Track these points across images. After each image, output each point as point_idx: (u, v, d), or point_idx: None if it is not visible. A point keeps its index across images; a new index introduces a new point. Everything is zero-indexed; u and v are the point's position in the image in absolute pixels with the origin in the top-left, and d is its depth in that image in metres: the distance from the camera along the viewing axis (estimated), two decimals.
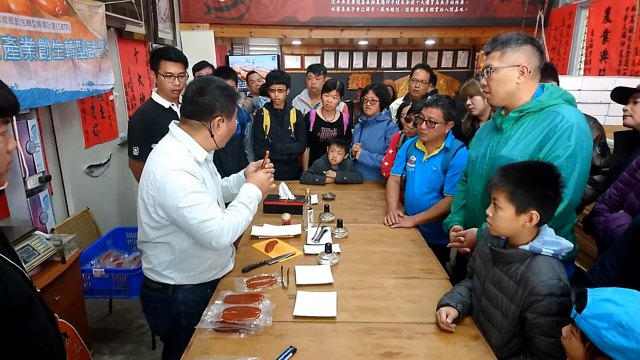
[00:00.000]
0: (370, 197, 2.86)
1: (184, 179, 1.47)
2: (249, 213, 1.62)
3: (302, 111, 3.65)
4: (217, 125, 1.57)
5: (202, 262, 1.63)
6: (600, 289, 1.00)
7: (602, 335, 0.92)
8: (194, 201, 1.46)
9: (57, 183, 2.73)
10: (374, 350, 1.34)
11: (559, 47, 5.04)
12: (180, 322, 1.64)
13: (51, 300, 1.91)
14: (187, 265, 1.61)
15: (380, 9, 5.34)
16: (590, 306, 0.96)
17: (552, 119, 1.53)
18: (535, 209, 1.26)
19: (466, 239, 1.79)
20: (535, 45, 1.58)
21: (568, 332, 1.04)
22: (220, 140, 1.62)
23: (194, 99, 1.53)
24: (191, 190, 1.47)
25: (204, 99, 1.53)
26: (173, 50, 2.40)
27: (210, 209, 1.49)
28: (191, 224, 1.47)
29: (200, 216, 1.46)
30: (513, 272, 1.30)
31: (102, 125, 3.24)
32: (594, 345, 0.95)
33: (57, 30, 2.37)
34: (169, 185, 1.45)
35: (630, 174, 1.78)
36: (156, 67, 2.33)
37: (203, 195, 1.50)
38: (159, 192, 1.47)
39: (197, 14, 5.12)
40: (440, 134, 2.29)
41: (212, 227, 1.48)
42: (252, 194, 1.67)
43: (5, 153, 0.89)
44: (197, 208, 1.46)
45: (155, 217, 1.52)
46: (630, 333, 0.89)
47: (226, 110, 1.57)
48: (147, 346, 2.59)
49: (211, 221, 1.48)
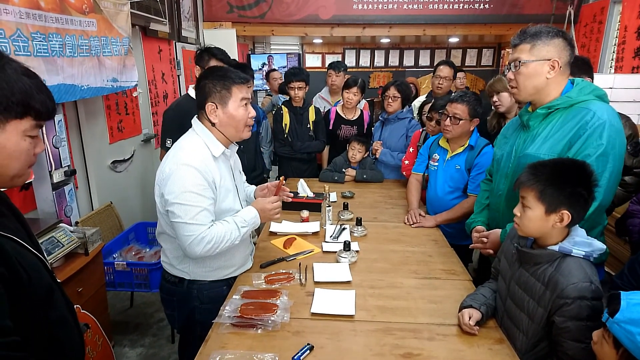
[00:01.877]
0: (390, 196, 2.81)
1: (189, 175, 1.44)
2: (237, 236, 1.54)
3: (322, 108, 3.64)
4: (211, 113, 1.52)
5: (216, 259, 1.61)
6: (635, 292, 0.94)
7: (637, 341, 0.87)
8: (187, 201, 1.43)
9: (82, 177, 2.80)
10: (392, 351, 1.31)
11: (588, 44, 4.86)
12: (195, 317, 1.63)
13: (74, 292, 1.96)
14: (201, 260, 1.59)
15: (403, 6, 5.27)
16: (624, 310, 0.91)
17: (582, 116, 1.46)
18: (566, 208, 1.20)
19: (489, 240, 1.73)
20: (566, 38, 1.51)
21: (599, 337, 0.99)
22: (225, 129, 1.55)
23: (197, 85, 1.54)
24: (190, 190, 1.44)
25: (199, 86, 1.53)
26: (222, 52, 2.52)
27: (200, 215, 1.45)
28: (176, 221, 1.45)
29: (187, 218, 1.43)
30: (541, 273, 1.25)
31: (126, 122, 3.31)
32: (628, 351, 0.89)
33: (83, 27, 2.42)
34: (172, 178, 1.45)
35: None
36: (203, 64, 2.43)
37: (200, 199, 1.46)
38: (162, 183, 1.48)
39: (219, 12, 5.18)
40: (465, 131, 2.23)
41: (192, 233, 1.44)
42: (249, 220, 1.59)
43: (32, 155, 0.90)
44: (187, 208, 1.43)
45: (162, 210, 1.53)
46: None
47: (218, 95, 1.50)
48: (167, 339, 2.62)
49: (194, 227, 1.44)
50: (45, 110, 0.88)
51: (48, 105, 0.88)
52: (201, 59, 2.48)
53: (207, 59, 2.44)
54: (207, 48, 2.52)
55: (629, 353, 0.89)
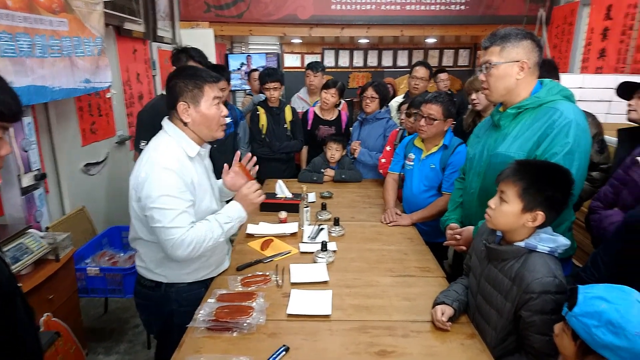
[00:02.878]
0: (368, 196, 2.84)
1: (166, 178, 1.43)
2: (220, 233, 1.53)
3: (300, 109, 3.64)
4: (183, 112, 1.50)
5: (194, 260, 1.58)
6: (592, 285, 0.98)
7: (593, 333, 0.91)
8: (166, 204, 1.42)
9: (53, 181, 2.73)
10: (367, 349, 1.32)
11: (560, 45, 5.00)
12: (173, 321, 1.61)
13: (44, 299, 1.91)
14: (179, 263, 1.57)
15: (381, 7, 5.31)
16: (581, 304, 0.94)
17: (550, 116, 1.51)
18: (542, 210, 1.24)
19: (462, 237, 1.77)
20: (534, 40, 1.55)
21: (560, 330, 1.02)
22: (197, 129, 1.54)
23: (166, 86, 1.53)
24: (168, 193, 1.42)
25: (169, 85, 1.51)
26: (200, 53, 2.45)
27: (179, 218, 1.44)
28: (156, 226, 1.43)
29: (166, 221, 1.42)
30: (508, 269, 1.28)
31: (99, 123, 3.23)
32: (585, 343, 0.93)
33: (54, 27, 2.36)
34: (149, 182, 1.43)
35: (624, 171, 1.75)
36: (180, 65, 2.36)
37: (178, 202, 1.44)
38: (139, 187, 1.45)
39: (196, 12, 5.11)
40: (439, 131, 2.26)
41: (173, 236, 1.43)
42: (233, 215, 1.59)
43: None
44: (166, 212, 1.42)
45: (139, 214, 1.50)
46: (621, 331, 0.87)
47: (189, 94, 1.49)
48: (142, 345, 2.57)
49: (174, 230, 1.43)
50: (8, 111, 0.85)
51: (10, 106, 0.86)
52: (178, 60, 2.44)
53: (185, 60, 2.40)
54: (184, 48, 2.47)
55: (586, 344, 0.93)
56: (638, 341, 0.85)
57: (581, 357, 0.96)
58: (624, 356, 0.87)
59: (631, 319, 0.87)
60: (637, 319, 0.87)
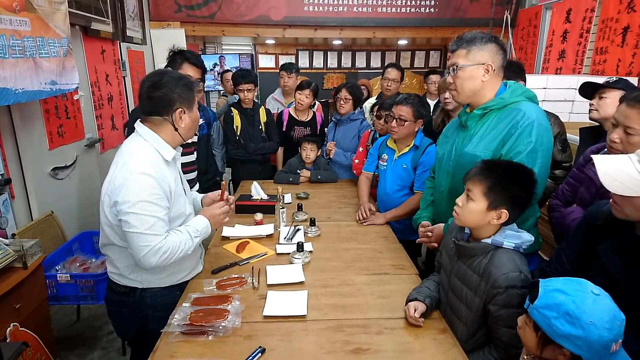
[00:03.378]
0: (344, 195, 2.87)
1: (145, 184, 1.42)
2: (190, 246, 1.55)
3: (275, 110, 3.64)
4: (179, 118, 1.53)
5: (169, 266, 1.57)
6: (552, 279, 1.03)
7: (552, 324, 0.95)
8: (144, 210, 1.41)
9: (19, 186, 2.62)
10: (343, 347, 1.34)
11: (526, 46, 5.19)
12: (149, 327, 1.58)
13: (11, 308, 1.84)
14: (154, 268, 1.54)
15: (353, 9, 5.37)
16: (541, 297, 0.99)
17: (513, 116, 1.57)
18: (506, 208, 1.29)
19: (434, 234, 1.82)
20: (498, 43, 1.61)
21: (523, 322, 1.07)
22: (186, 133, 1.58)
23: (149, 94, 1.49)
24: (146, 199, 1.42)
25: (160, 92, 1.49)
26: (196, 56, 2.47)
27: (156, 225, 1.44)
28: (131, 231, 1.41)
29: (143, 228, 1.41)
30: (476, 265, 1.33)
31: (67, 126, 3.14)
32: (545, 334, 0.98)
33: (14, 27, 2.27)
34: (127, 187, 1.41)
35: (579, 169, 1.84)
36: (176, 68, 2.37)
37: (156, 208, 1.44)
38: (115, 191, 1.43)
39: (167, 12, 5.03)
40: (410, 132, 2.32)
41: (148, 243, 1.42)
42: (201, 229, 1.61)
43: None
44: (144, 218, 1.41)
45: (112, 220, 1.48)
46: (577, 321, 0.92)
47: (186, 100, 1.53)
48: (117, 352, 2.52)
49: (151, 237, 1.42)
50: None
51: None
52: (173, 62, 2.42)
53: (180, 62, 2.39)
54: (181, 51, 2.47)
55: (546, 335, 0.98)
56: (592, 330, 0.91)
57: (542, 348, 1.01)
58: (580, 345, 0.92)
59: (586, 309, 0.92)
60: (591, 309, 0.92)
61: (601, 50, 3.79)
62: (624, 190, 1.02)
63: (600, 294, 0.95)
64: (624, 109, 1.44)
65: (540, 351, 1.01)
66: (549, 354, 1.00)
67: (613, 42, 3.63)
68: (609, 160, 1.08)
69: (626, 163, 1.05)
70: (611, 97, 2.02)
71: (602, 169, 1.06)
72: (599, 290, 0.96)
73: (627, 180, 1.02)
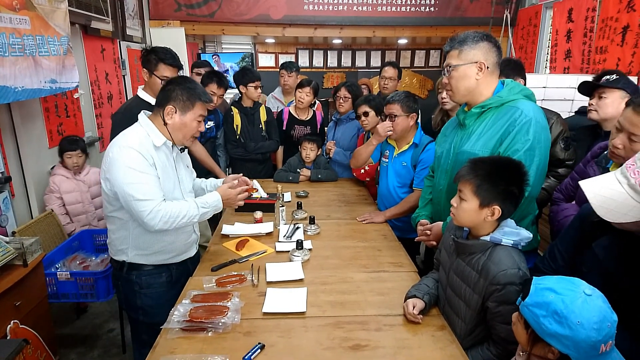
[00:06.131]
0: (344, 194, 2.87)
1: (131, 156, 1.55)
2: (195, 214, 1.66)
3: (275, 109, 3.64)
4: (168, 114, 1.64)
5: (155, 242, 1.69)
6: (545, 277, 1.03)
7: (540, 322, 0.95)
8: (135, 179, 1.54)
9: (19, 184, 2.63)
10: (342, 344, 1.35)
11: (526, 45, 5.19)
12: (137, 302, 1.74)
13: (11, 306, 1.85)
14: (140, 242, 1.68)
15: (353, 8, 5.36)
16: (532, 294, 0.99)
17: (511, 114, 1.57)
18: (498, 204, 1.29)
19: (432, 232, 1.83)
20: (491, 41, 1.61)
21: (515, 319, 1.07)
22: (173, 132, 1.67)
23: (162, 88, 1.69)
24: (135, 168, 1.54)
25: (167, 88, 1.66)
26: (172, 55, 2.33)
27: (150, 190, 1.56)
28: (128, 200, 1.54)
29: (137, 195, 1.53)
30: (475, 262, 1.34)
31: (67, 124, 3.14)
32: (535, 332, 0.98)
33: (14, 25, 2.28)
34: (116, 160, 1.55)
35: (584, 165, 1.85)
36: (152, 68, 2.26)
37: (146, 176, 1.56)
38: (108, 166, 1.57)
39: (167, 10, 5.02)
40: (405, 127, 2.32)
41: (145, 208, 1.54)
42: (211, 203, 1.72)
43: None
44: (136, 186, 1.54)
45: (107, 191, 1.62)
46: (564, 321, 0.92)
47: (181, 102, 1.64)
48: (117, 350, 2.52)
49: (146, 202, 1.54)
50: None
51: None
52: (148, 62, 2.28)
53: (155, 62, 2.26)
54: (154, 49, 2.34)
55: (536, 333, 0.98)
56: (579, 330, 0.90)
57: (532, 345, 1.01)
58: (567, 344, 0.92)
59: (574, 309, 0.92)
60: (580, 309, 0.92)
61: (601, 49, 3.79)
62: (621, 217, 0.99)
63: (592, 295, 0.94)
64: (630, 115, 1.39)
65: (530, 348, 1.02)
66: (539, 351, 1.00)
67: (613, 42, 3.63)
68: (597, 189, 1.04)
69: (616, 188, 1.01)
70: (611, 97, 2.02)
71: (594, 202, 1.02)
72: (592, 290, 0.95)
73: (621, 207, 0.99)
